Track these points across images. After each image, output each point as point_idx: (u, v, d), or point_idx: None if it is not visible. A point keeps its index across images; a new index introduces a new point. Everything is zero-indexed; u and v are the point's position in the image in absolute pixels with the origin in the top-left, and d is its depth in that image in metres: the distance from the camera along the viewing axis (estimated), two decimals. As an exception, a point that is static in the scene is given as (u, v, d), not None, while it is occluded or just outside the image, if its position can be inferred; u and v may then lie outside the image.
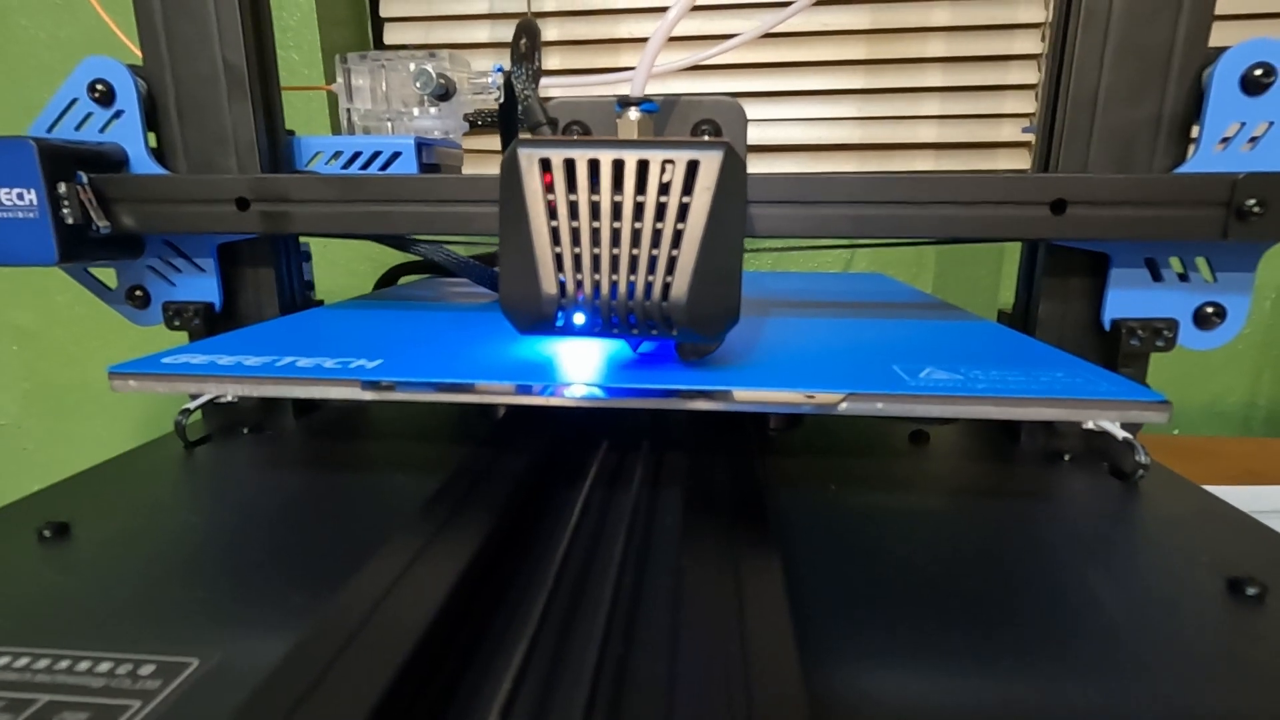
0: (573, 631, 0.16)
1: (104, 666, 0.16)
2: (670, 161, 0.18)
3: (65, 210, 0.27)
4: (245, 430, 0.31)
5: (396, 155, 0.32)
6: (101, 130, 0.29)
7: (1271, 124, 0.25)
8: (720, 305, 0.19)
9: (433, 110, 0.34)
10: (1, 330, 0.71)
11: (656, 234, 0.19)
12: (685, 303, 0.19)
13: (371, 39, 0.68)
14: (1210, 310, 0.27)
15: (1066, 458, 0.28)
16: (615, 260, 0.19)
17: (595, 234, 0.19)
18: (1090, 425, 0.29)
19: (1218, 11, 0.25)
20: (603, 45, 0.66)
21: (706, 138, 0.26)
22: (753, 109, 0.51)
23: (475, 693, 0.14)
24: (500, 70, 0.35)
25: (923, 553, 0.21)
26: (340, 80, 0.35)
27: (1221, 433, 0.62)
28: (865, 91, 0.63)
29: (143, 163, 0.30)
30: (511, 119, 0.35)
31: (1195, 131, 0.26)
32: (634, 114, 0.24)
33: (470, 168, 0.56)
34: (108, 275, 0.32)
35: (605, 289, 0.19)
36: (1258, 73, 0.25)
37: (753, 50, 0.62)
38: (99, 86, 0.29)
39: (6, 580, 0.19)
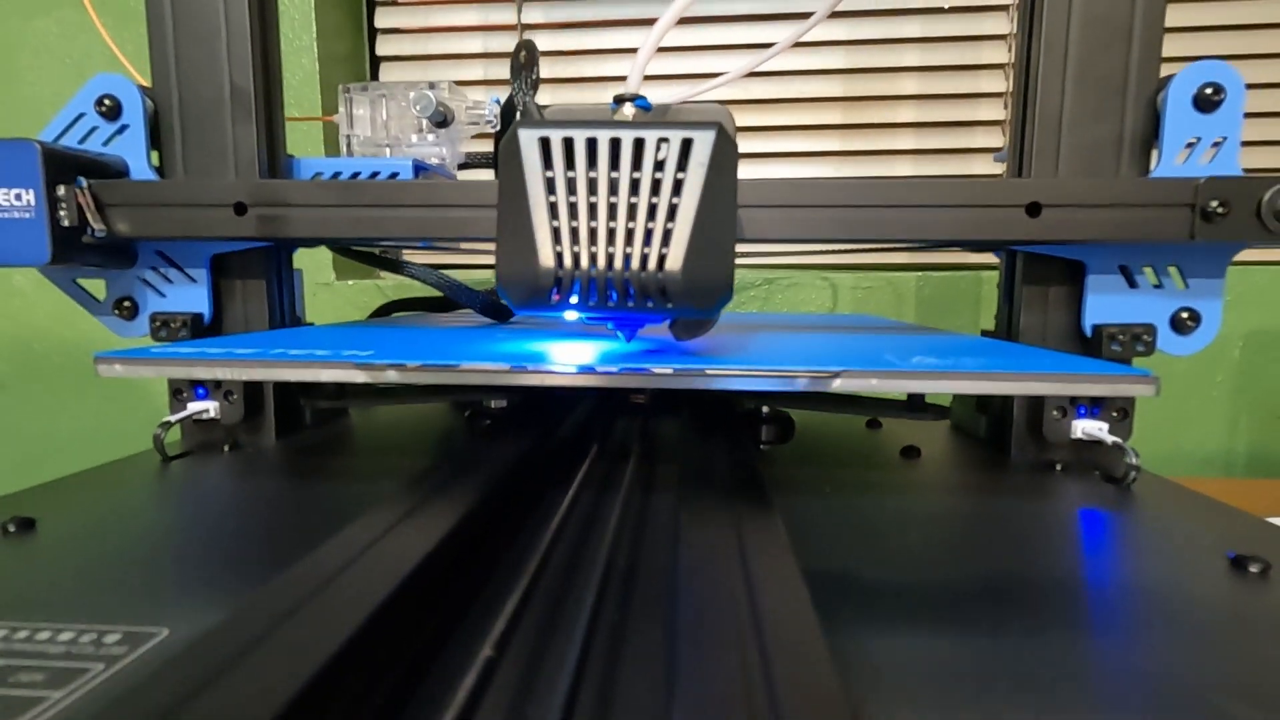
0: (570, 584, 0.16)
1: (66, 635, 0.15)
2: (665, 140, 0.19)
3: (62, 212, 0.27)
4: (225, 448, 0.30)
5: (394, 176, 0.33)
6: (105, 144, 0.30)
7: (1225, 138, 0.27)
8: (714, 277, 0.19)
9: (430, 137, 0.35)
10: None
11: (652, 208, 0.19)
12: (680, 274, 0.19)
13: (369, 76, 0.71)
14: (1185, 315, 0.28)
15: (1058, 467, 0.28)
16: (612, 234, 0.19)
17: (592, 208, 0.19)
18: (1079, 435, 0.29)
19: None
20: (590, 83, 0.69)
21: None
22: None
23: (473, 629, 0.14)
24: (497, 102, 0.36)
25: (930, 551, 0.20)
26: (341, 109, 0.36)
27: (1208, 472, 0.62)
28: (842, 127, 0.67)
29: (143, 176, 0.30)
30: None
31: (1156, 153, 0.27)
32: (629, 109, 0.25)
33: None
34: (96, 288, 0.32)
35: (602, 261, 0.19)
36: (1208, 91, 0.26)
37: (734, 88, 0.66)
38: (106, 101, 0.30)
39: None
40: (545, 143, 0.19)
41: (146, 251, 0.31)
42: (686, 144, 0.19)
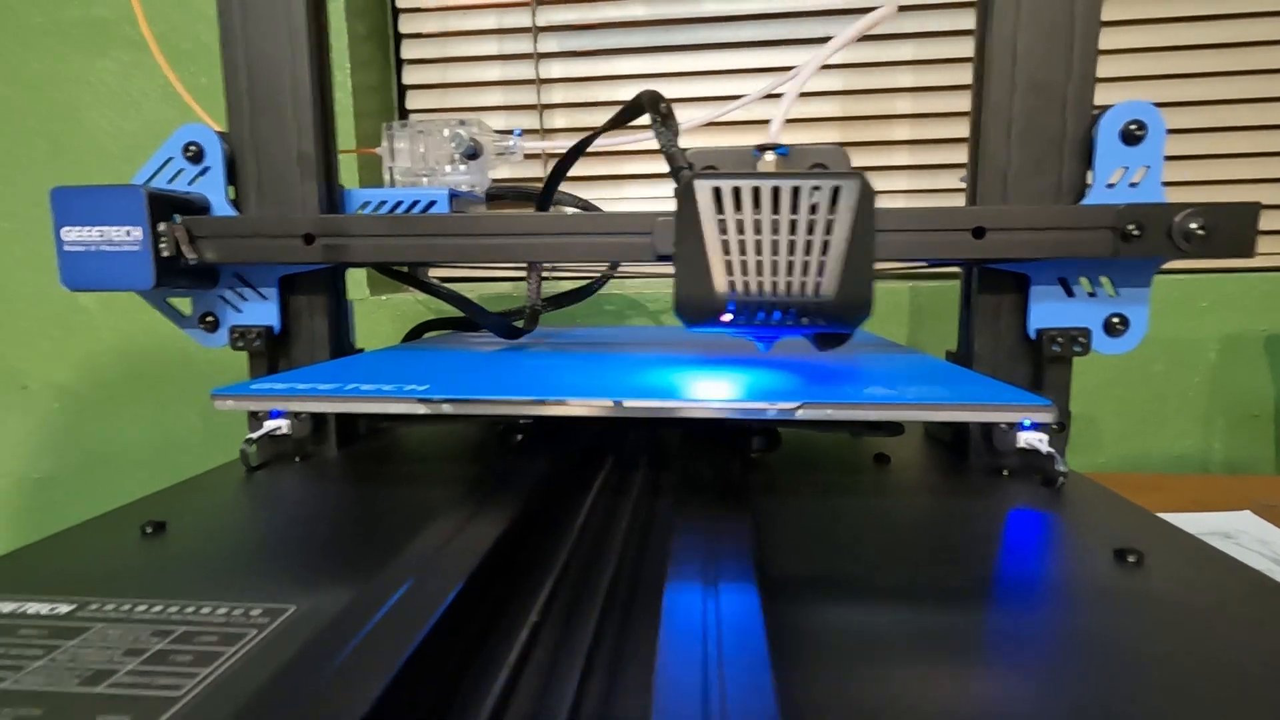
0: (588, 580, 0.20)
1: (223, 610, 0.20)
2: (818, 188, 0.23)
3: (162, 245, 0.32)
4: (296, 459, 0.35)
5: (432, 203, 0.38)
6: (190, 183, 0.35)
7: (1148, 168, 0.31)
8: (860, 300, 0.24)
9: (462, 168, 0.40)
10: (44, 389, 0.76)
11: (808, 244, 0.23)
12: (833, 298, 0.24)
13: (396, 103, 0.77)
14: (1116, 320, 0.32)
15: (1005, 472, 0.33)
16: (775, 265, 0.24)
17: (758, 245, 0.24)
18: (1023, 444, 0.33)
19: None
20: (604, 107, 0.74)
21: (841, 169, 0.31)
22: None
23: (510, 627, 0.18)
24: (520, 134, 0.41)
25: (875, 540, 0.25)
26: (384, 144, 0.41)
27: (1184, 471, 0.66)
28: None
29: (223, 210, 0.35)
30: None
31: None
32: (770, 156, 0.30)
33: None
34: (183, 305, 0.37)
35: (767, 288, 0.24)
36: (1133, 127, 0.31)
37: (743, 110, 0.70)
38: (192, 147, 0.35)
39: (129, 560, 0.24)
40: (717, 191, 0.24)
41: (226, 274, 0.36)
42: (836, 190, 0.23)
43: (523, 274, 0.66)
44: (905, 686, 0.16)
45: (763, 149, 0.30)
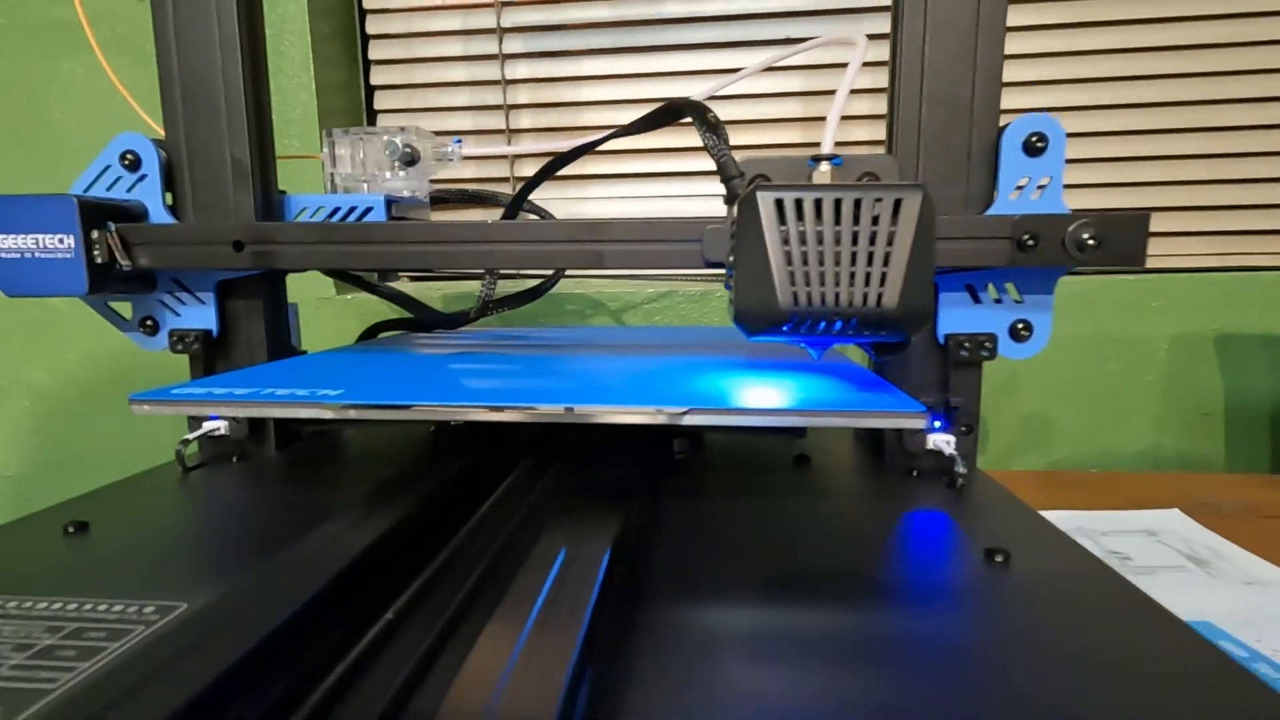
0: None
1: (118, 607, 0.21)
2: (880, 199, 0.24)
3: (96, 252, 0.33)
4: (234, 459, 0.36)
5: (369, 209, 0.39)
6: (129, 190, 0.36)
7: (1050, 179, 0.32)
8: (922, 310, 0.24)
9: (401, 174, 0.41)
10: (14, 387, 0.77)
11: (870, 256, 0.24)
12: (895, 309, 0.24)
13: (364, 103, 0.77)
14: (1021, 326, 0.33)
15: (915, 473, 0.34)
16: (837, 276, 0.24)
17: (820, 256, 0.24)
18: (931, 446, 0.34)
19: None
20: (570, 107, 0.75)
21: (902, 181, 0.32)
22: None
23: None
24: (459, 142, 0.42)
25: (758, 539, 0.26)
26: (325, 150, 0.42)
27: (1136, 468, 0.67)
28: (803, 145, 0.72)
29: (160, 216, 0.36)
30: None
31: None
32: (825, 167, 0.30)
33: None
34: (124, 309, 0.38)
35: (830, 299, 0.24)
36: (1034, 139, 0.32)
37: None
38: (128, 155, 0.36)
39: (44, 560, 0.25)
40: (780, 203, 0.24)
41: (164, 279, 0.37)
42: (898, 203, 0.24)
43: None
44: (732, 676, 0.17)
45: (818, 159, 0.30)
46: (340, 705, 0.15)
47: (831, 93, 0.70)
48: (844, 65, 0.32)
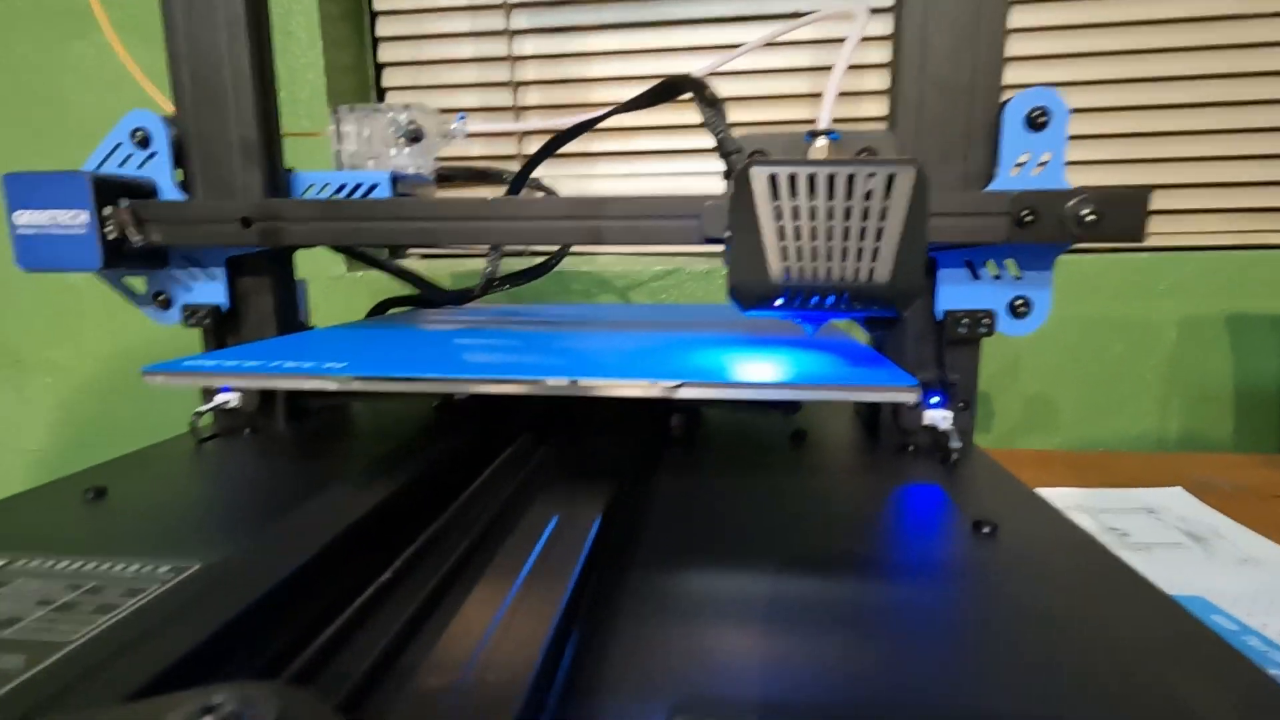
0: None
1: (134, 566, 0.22)
2: (873, 174, 0.24)
3: (109, 228, 0.34)
4: (246, 431, 0.37)
5: (374, 186, 0.40)
6: (140, 167, 0.37)
7: (1051, 154, 0.32)
8: (913, 285, 0.25)
9: (406, 151, 0.41)
10: (38, 365, 0.79)
11: (862, 231, 0.24)
12: (887, 283, 0.24)
13: (373, 81, 0.77)
14: (1019, 303, 0.33)
15: (910, 449, 0.34)
16: (830, 251, 0.24)
17: (813, 231, 0.24)
18: (927, 422, 0.34)
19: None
20: (577, 84, 0.74)
21: (896, 156, 0.31)
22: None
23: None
24: (463, 119, 0.42)
25: (750, 512, 0.26)
26: (331, 127, 0.42)
27: (1141, 449, 0.67)
28: (808, 121, 0.71)
29: (170, 193, 0.37)
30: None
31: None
32: (821, 142, 0.29)
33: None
34: (138, 284, 0.39)
35: (822, 274, 0.25)
36: (1035, 114, 0.32)
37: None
38: (139, 133, 0.36)
39: (65, 523, 0.26)
40: (773, 178, 0.24)
41: (175, 255, 0.38)
42: (891, 178, 0.24)
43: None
44: (715, 641, 0.18)
45: (814, 134, 0.30)
46: (334, 658, 0.16)
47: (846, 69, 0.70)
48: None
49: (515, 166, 0.42)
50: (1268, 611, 0.32)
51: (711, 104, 0.31)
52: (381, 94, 0.78)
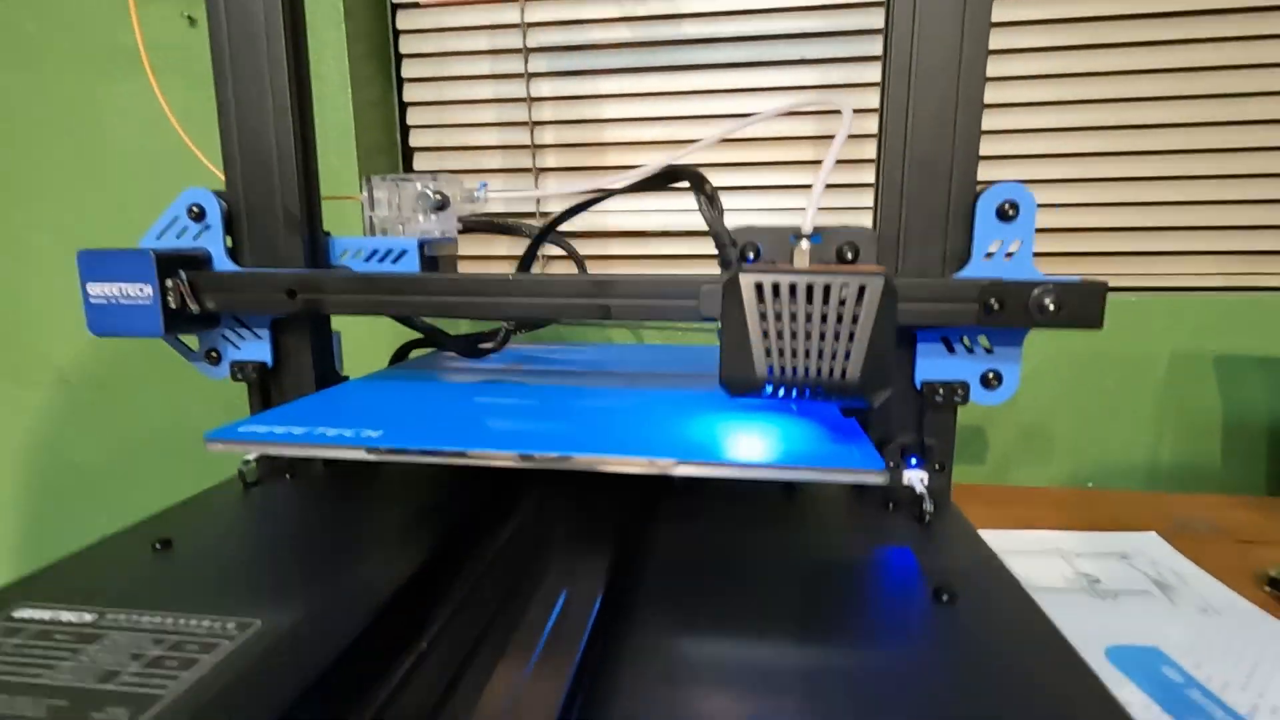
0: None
1: (205, 622, 0.26)
2: (846, 285, 0.28)
3: (170, 298, 0.38)
4: (287, 475, 0.41)
5: (404, 253, 0.43)
6: (195, 238, 0.41)
7: (1020, 243, 0.35)
8: (880, 382, 0.28)
9: (434, 217, 0.45)
10: (84, 382, 0.84)
11: (837, 334, 0.28)
12: (857, 381, 0.28)
13: (397, 119, 0.81)
14: (991, 375, 0.36)
15: (891, 505, 0.37)
16: (808, 351, 0.28)
17: (793, 333, 0.28)
18: (905, 483, 0.37)
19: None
20: (592, 148, 0.78)
21: (866, 265, 0.34)
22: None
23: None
24: (484, 187, 0.46)
25: (725, 569, 0.30)
26: (364, 194, 0.46)
27: (1131, 484, 0.69)
28: (814, 162, 0.74)
29: (221, 261, 0.41)
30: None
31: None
32: (805, 245, 0.33)
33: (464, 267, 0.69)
34: (191, 342, 0.43)
35: (801, 371, 0.28)
36: (1006, 206, 0.35)
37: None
38: (194, 208, 0.41)
39: (142, 575, 0.30)
40: (759, 286, 0.28)
41: (225, 317, 0.42)
42: (861, 288, 0.28)
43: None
44: (692, 698, 0.21)
45: (798, 237, 0.33)
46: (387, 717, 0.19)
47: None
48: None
49: (532, 206, 0.46)
50: (1217, 662, 0.35)
51: (708, 196, 0.35)
52: (406, 131, 0.82)
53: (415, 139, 0.81)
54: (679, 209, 0.77)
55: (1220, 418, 0.67)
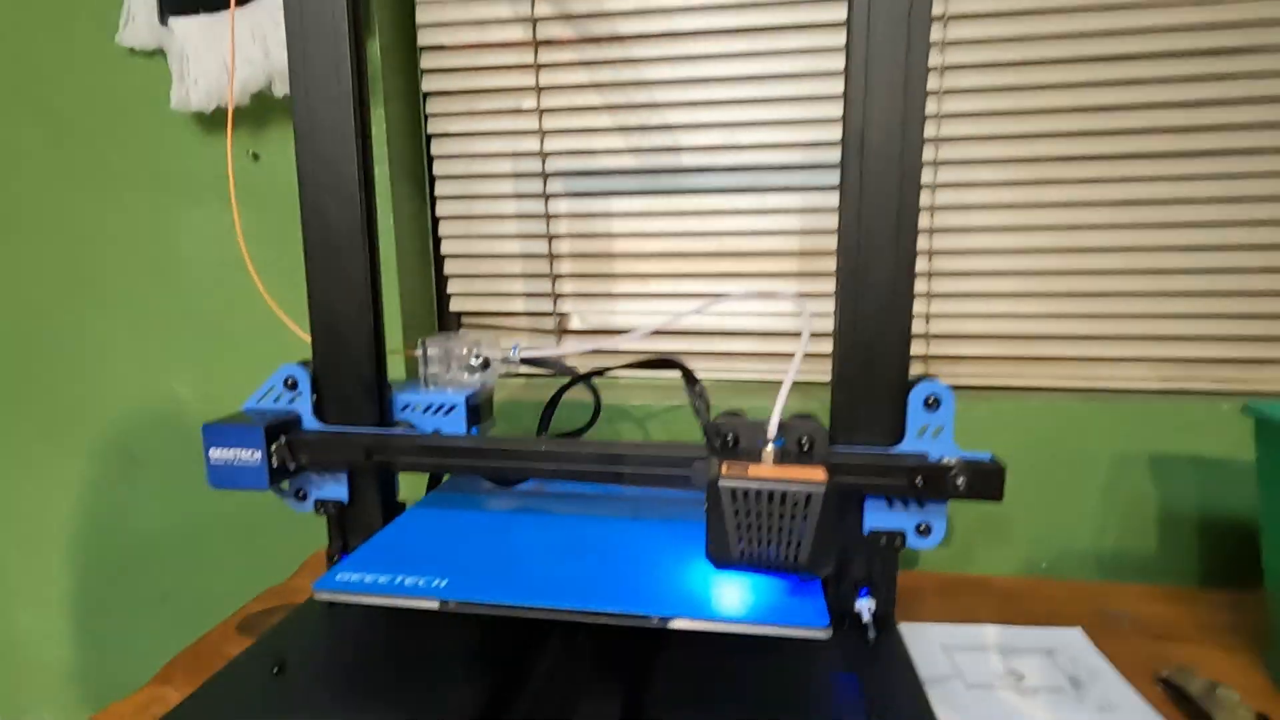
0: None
1: None
2: (797, 493, 0.38)
3: (273, 458, 0.48)
4: None
5: (453, 407, 0.53)
6: (290, 403, 0.51)
7: (942, 427, 0.45)
8: (825, 562, 0.38)
9: (478, 375, 0.55)
10: (147, 459, 0.95)
11: (790, 529, 0.38)
12: (807, 562, 0.38)
13: (430, 229, 0.92)
14: (923, 527, 0.46)
15: (846, 624, 0.47)
16: (770, 539, 0.38)
17: (759, 526, 0.38)
18: (856, 609, 0.47)
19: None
20: (603, 237, 0.88)
21: (816, 466, 0.41)
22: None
23: None
24: (517, 348, 0.56)
25: (678, 691, 0.40)
26: (419, 352, 0.56)
27: (1079, 569, 0.78)
28: (800, 274, 0.84)
29: (310, 420, 0.51)
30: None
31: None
32: (770, 449, 0.42)
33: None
34: (283, 483, 0.53)
35: (763, 554, 0.38)
36: (930, 399, 0.44)
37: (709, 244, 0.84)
38: (289, 380, 0.51)
39: (273, 703, 0.39)
40: (734, 492, 0.38)
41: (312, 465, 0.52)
42: (808, 497, 0.38)
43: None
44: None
45: (765, 442, 0.42)
46: None
47: (830, 231, 0.82)
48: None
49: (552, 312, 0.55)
50: (1103, 759, 0.44)
51: (692, 384, 0.45)
52: (438, 243, 0.92)
53: (446, 247, 0.92)
54: (690, 293, 0.87)
55: (1155, 512, 0.76)
